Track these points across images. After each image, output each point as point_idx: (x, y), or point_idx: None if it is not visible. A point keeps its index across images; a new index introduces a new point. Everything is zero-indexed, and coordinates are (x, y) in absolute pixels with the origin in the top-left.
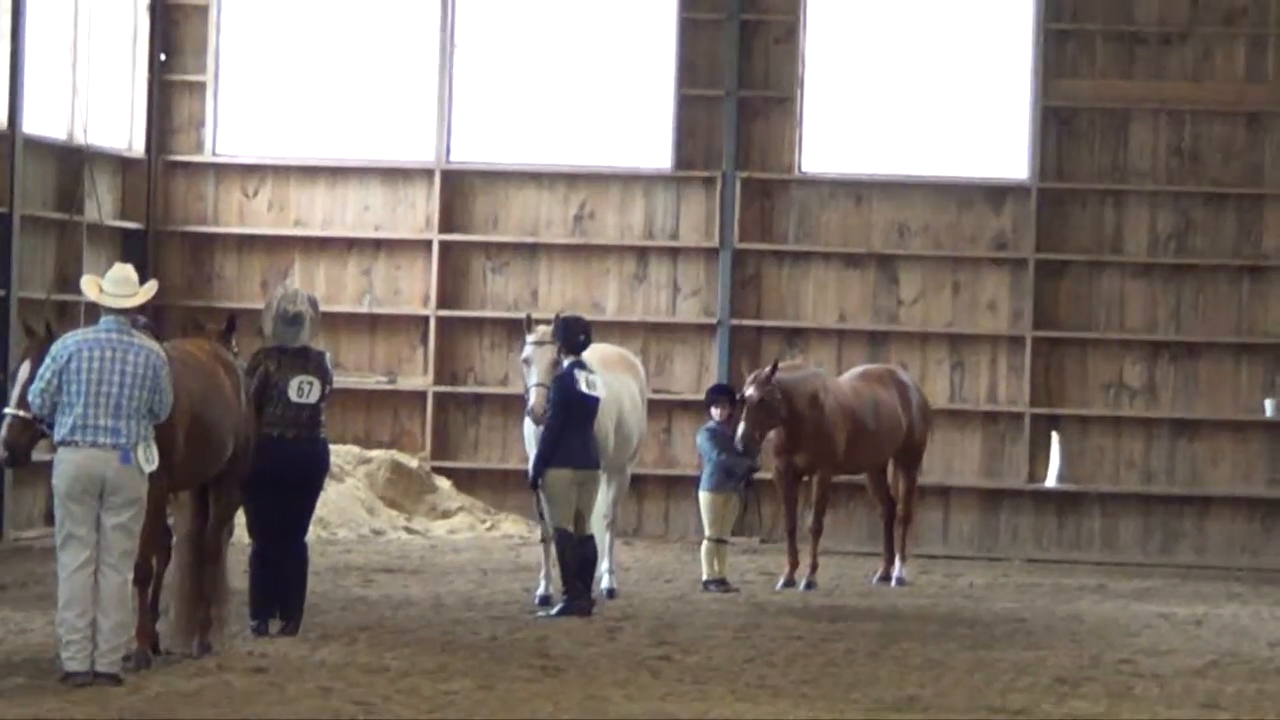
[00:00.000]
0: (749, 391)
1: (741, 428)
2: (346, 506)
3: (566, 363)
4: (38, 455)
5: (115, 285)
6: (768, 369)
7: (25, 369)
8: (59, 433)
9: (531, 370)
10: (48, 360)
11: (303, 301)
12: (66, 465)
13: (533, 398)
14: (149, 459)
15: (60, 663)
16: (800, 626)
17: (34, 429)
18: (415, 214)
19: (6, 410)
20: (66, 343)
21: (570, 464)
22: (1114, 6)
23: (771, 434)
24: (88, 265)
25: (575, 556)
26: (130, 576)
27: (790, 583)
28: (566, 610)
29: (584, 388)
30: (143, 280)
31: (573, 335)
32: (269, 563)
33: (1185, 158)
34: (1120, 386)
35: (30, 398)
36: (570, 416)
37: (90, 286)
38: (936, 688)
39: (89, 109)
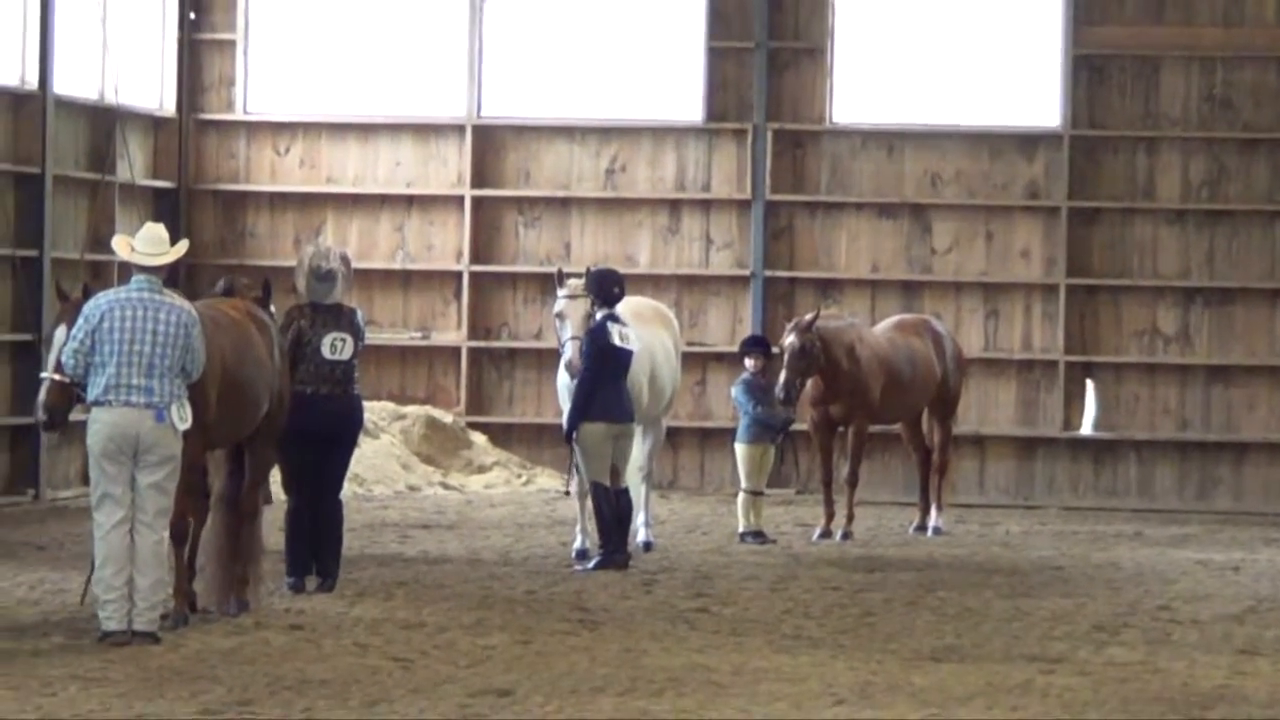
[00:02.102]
0: (790, 339)
1: (783, 375)
2: (382, 463)
3: (599, 315)
4: (74, 416)
5: (146, 244)
6: (808, 316)
7: (61, 332)
8: (92, 392)
9: (565, 324)
10: (80, 320)
11: (335, 258)
12: (100, 425)
13: (568, 351)
14: (183, 418)
15: (98, 622)
16: (837, 577)
17: (71, 392)
18: (447, 170)
19: (44, 374)
20: (99, 302)
21: (605, 417)
22: None
23: (808, 384)
24: (120, 225)
25: (611, 510)
26: (166, 535)
27: (826, 534)
28: (603, 564)
29: (617, 340)
30: (174, 240)
31: (607, 288)
32: (305, 520)
33: (1217, 103)
34: (1155, 333)
35: (64, 358)
36: (604, 369)
37: (122, 245)
38: (974, 637)
39: (119, 69)
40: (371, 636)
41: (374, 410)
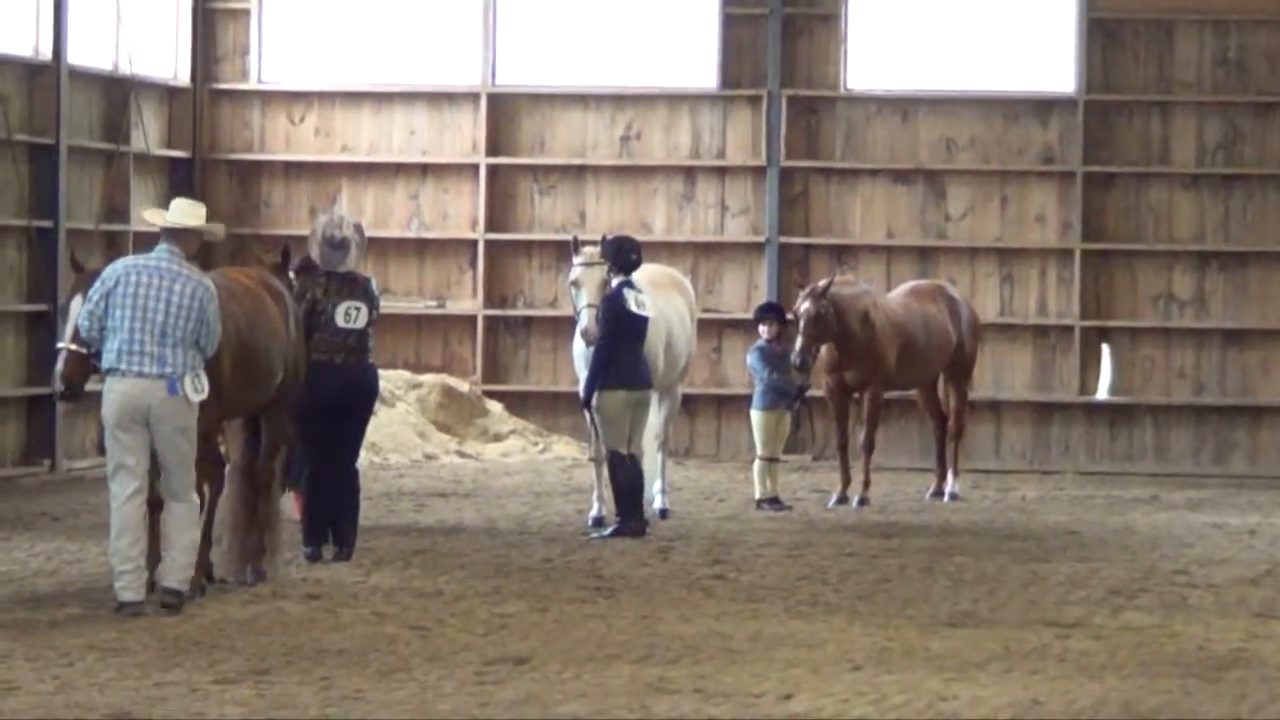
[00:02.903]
0: (804, 306)
1: (798, 342)
2: (398, 432)
3: (616, 282)
4: (90, 385)
5: (178, 211)
6: (823, 283)
7: (78, 303)
8: (106, 359)
9: (581, 292)
10: (96, 284)
11: (348, 227)
12: (113, 395)
13: (584, 319)
14: (197, 389)
15: (114, 593)
16: (853, 544)
17: (88, 363)
18: (462, 138)
19: (60, 344)
20: (115, 267)
21: (623, 384)
22: None
23: (822, 351)
24: (135, 195)
25: (628, 477)
26: (195, 499)
27: (843, 500)
28: (620, 531)
29: (633, 307)
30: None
31: (624, 254)
32: (322, 489)
33: (1231, 67)
34: (1170, 298)
35: (80, 321)
36: (621, 336)
37: (154, 215)
38: (991, 602)
39: (133, 38)
40: (388, 605)
41: (390, 379)
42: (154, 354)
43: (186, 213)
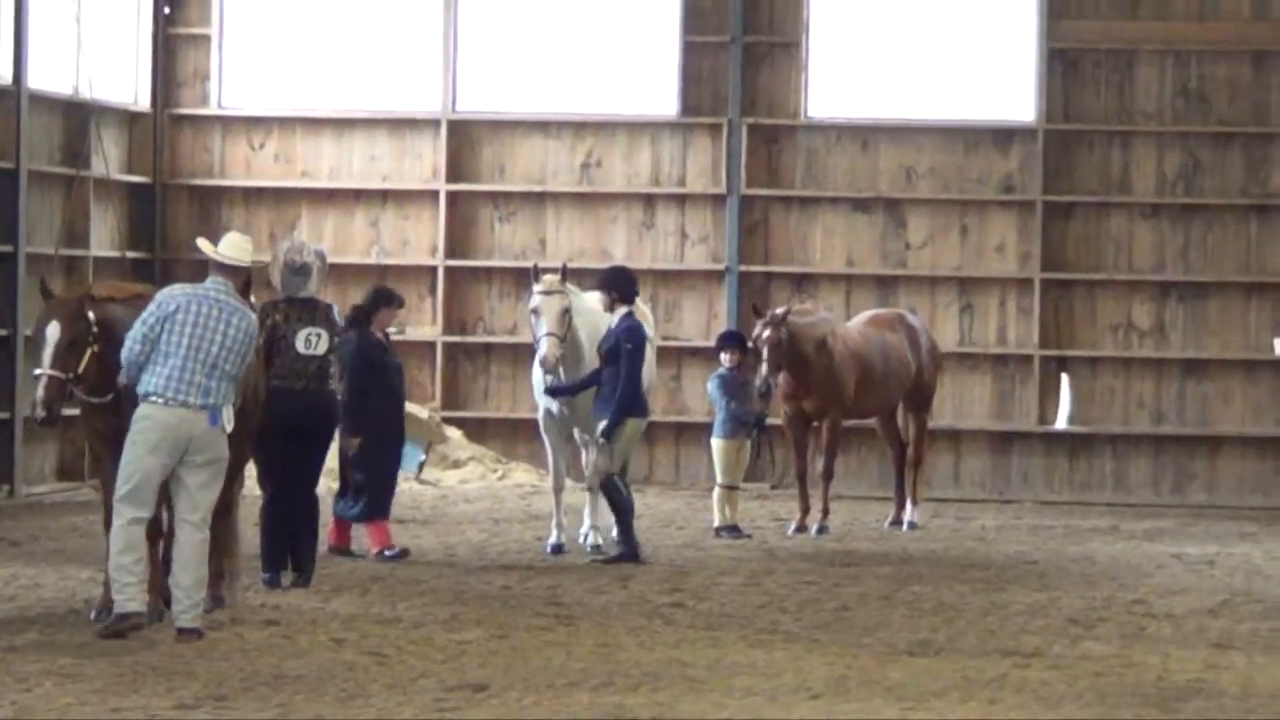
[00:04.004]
0: (766, 333)
1: (763, 368)
2: None
3: (623, 312)
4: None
5: (229, 247)
6: (781, 310)
7: (55, 329)
8: (147, 384)
9: (541, 320)
10: (152, 307)
11: (309, 253)
12: (153, 423)
13: (544, 347)
14: (230, 419)
15: (117, 606)
16: (812, 572)
17: (66, 388)
18: (422, 164)
19: (39, 370)
20: (173, 294)
21: (640, 412)
22: None
23: (780, 379)
24: (95, 220)
25: (627, 500)
26: (208, 535)
27: (802, 528)
28: (625, 557)
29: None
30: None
31: (628, 285)
32: (280, 515)
33: (1192, 98)
34: (1129, 327)
35: (131, 342)
36: (643, 365)
37: (207, 248)
38: (949, 631)
39: (94, 63)
40: (347, 631)
41: None
42: (200, 385)
43: (240, 248)
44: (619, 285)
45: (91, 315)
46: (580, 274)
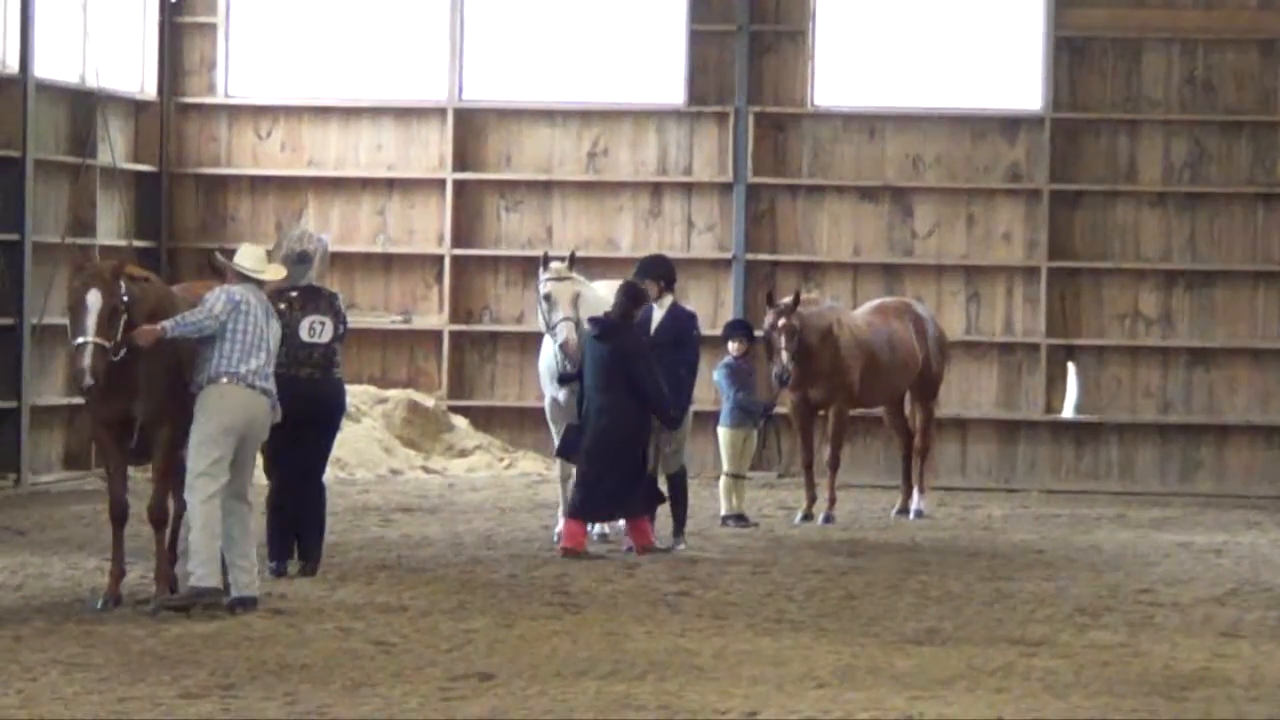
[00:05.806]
0: (780, 321)
1: (783, 355)
2: (364, 447)
3: (669, 300)
4: (54, 399)
5: (250, 259)
6: (789, 299)
7: (96, 296)
8: (225, 363)
9: (556, 306)
10: (219, 294)
11: (311, 241)
12: (234, 401)
13: (563, 333)
14: (279, 411)
15: (195, 579)
16: (819, 560)
17: (109, 355)
18: (429, 153)
19: (86, 338)
20: (233, 289)
21: (691, 402)
22: None
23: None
24: (101, 209)
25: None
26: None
27: (808, 517)
28: (672, 548)
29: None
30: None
31: (671, 274)
32: (287, 504)
33: (1199, 86)
34: (1136, 316)
35: (200, 316)
36: None
37: (229, 261)
38: (956, 620)
39: (100, 52)
40: (353, 620)
41: (356, 394)
42: (264, 373)
43: (259, 258)
44: (665, 274)
45: (123, 285)
46: (587, 262)
